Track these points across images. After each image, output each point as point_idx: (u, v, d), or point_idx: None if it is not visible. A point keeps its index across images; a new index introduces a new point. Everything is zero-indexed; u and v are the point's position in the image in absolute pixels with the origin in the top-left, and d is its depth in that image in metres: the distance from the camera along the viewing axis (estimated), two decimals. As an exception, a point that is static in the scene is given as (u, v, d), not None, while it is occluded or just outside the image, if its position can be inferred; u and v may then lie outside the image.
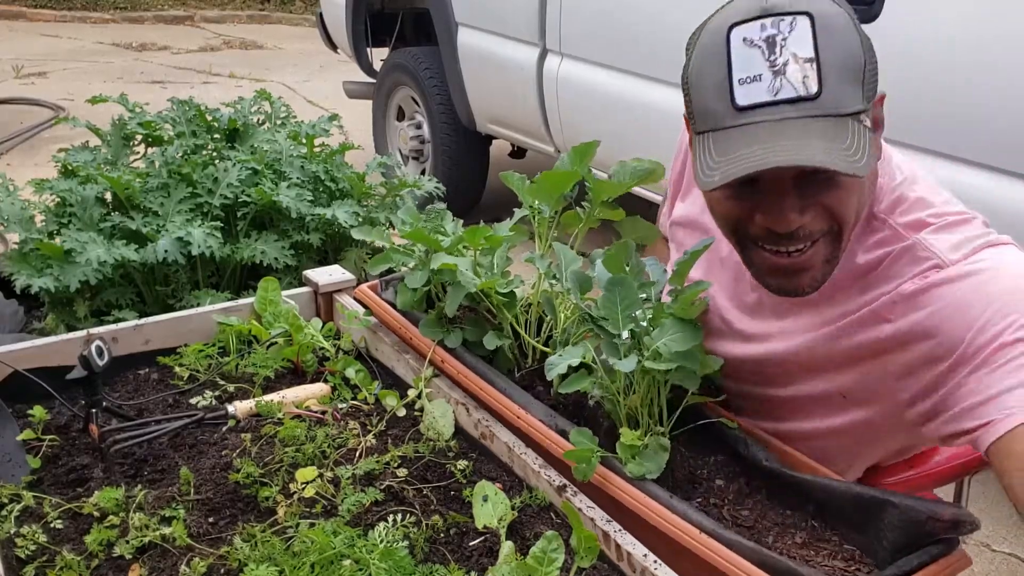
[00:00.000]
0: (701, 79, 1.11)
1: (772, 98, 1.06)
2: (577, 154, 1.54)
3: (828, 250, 1.17)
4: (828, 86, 1.05)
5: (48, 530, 1.21)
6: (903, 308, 1.19)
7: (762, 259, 1.20)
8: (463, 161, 4.72)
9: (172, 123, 2.61)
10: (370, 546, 1.14)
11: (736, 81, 1.07)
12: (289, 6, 11.82)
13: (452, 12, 4.41)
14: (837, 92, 1.06)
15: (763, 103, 1.06)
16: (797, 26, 1.05)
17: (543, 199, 1.54)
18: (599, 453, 1.22)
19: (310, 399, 1.52)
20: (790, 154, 1.04)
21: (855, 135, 1.06)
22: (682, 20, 3.20)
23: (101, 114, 2.88)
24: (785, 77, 1.05)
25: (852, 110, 1.07)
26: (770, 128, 1.06)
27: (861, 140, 1.06)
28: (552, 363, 1.27)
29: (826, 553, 1.16)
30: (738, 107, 1.07)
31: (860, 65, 1.07)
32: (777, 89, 1.06)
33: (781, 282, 1.21)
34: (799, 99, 1.05)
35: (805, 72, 1.05)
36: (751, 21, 1.07)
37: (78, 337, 1.60)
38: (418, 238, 1.49)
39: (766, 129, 1.06)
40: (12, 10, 10.95)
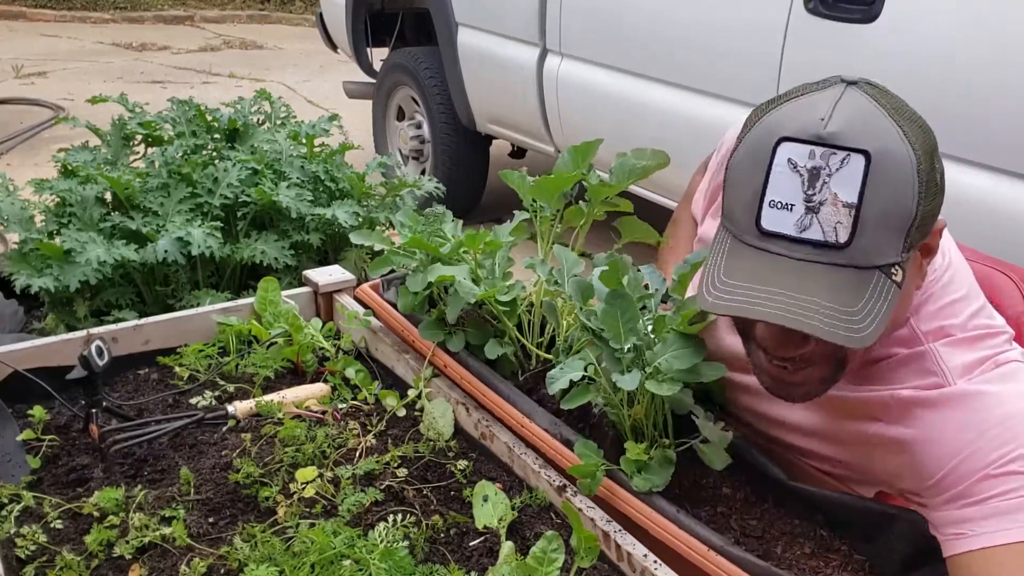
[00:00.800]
0: (738, 176, 1.05)
1: (797, 234, 0.99)
2: (578, 153, 1.53)
3: (827, 372, 1.12)
4: (861, 238, 0.97)
5: (48, 530, 1.21)
6: (895, 414, 1.14)
7: (760, 360, 1.15)
8: (463, 161, 4.72)
9: (172, 123, 2.61)
10: (370, 546, 1.14)
11: (767, 202, 1.00)
12: (289, 6, 11.82)
13: (452, 12, 4.41)
14: (870, 244, 0.98)
15: (787, 236, 0.99)
16: (848, 165, 0.96)
17: (544, 198, 1.53)
18: (604, 467, 1.21)
19: (310, 399, 1.52)
20: (789, 312, 0.97)
21: (874, 292, 0.98)
22: (682, 20, 3.22)
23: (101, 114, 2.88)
24: (817, 216, 0.98)
25: (882, 263, 0.99)
26: (783, 266, 0.99)
27: (879, 299, 0.98)
28: (553, 377, 1.24)
29: (836, 564, 1.15)
30: (762, 230, 1.01)
31: (908, 217, 0.98)
32: (805, 227, 0.98)
33: (774, 386, 1.16)
34: (825, 244, 0.98)
35: (839, 218, 0.97)
36: (803, 143, 0.98)
37: (78, 337, 1.60)
38: (417, 245, 1.49)
39: (780, 266, 1.00)
40: (12, 10, 10.95)
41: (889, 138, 0.98)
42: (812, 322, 0.97)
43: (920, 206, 0.98)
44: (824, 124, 0.98)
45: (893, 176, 0.97)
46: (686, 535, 1.13)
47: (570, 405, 1.26)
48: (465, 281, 1.43)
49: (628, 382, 1.15)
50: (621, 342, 1.19)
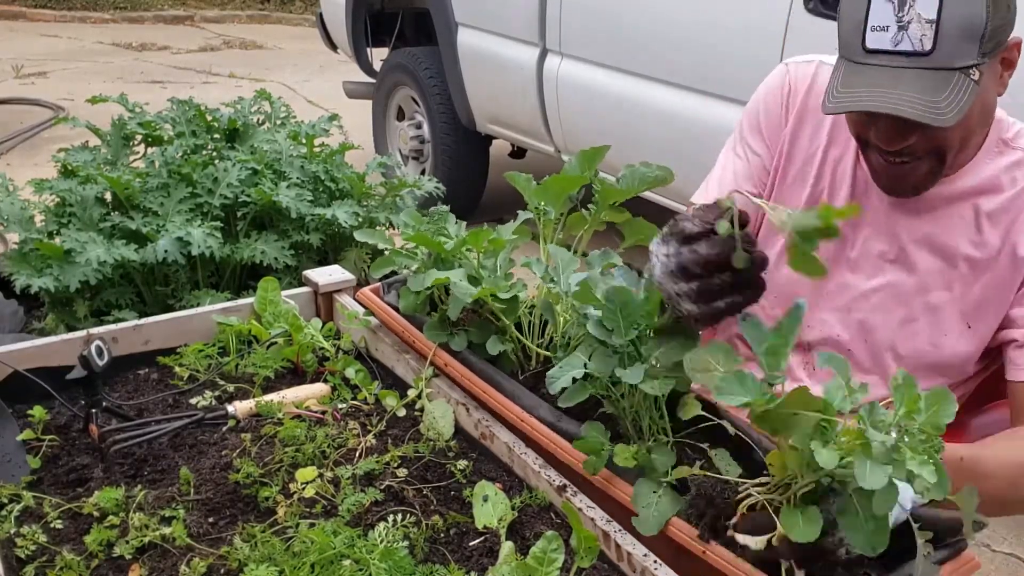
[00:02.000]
0: (848, 13, 1.32)
1: (893, 48, 1.27)
2: (586, 158, 1.54)
3: (930, 166, 1.38)
4: (942, 45, 1.24)
5: (48, 530, 1.21)
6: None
7: (876, 160, 1.41)
8: (463, 161, 4.72)
9: (172, 123, 2.61)
10: (370, 546, 1.14)
11: (869, 27, 1.29)
12: (289, 6, 11.82)
13: (452, 12, 4.41)
14: (950, 50, 1.24)
15: (885, 50, 1.28)
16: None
17: (549, 201, 1.54)
18: (608, 448, 1.21)
19: (310, 399, 1.52)
20: (889, 103, 1.26)
21: (956, 88, 1.25)
22: (682, 20, 3.22)
23: (101, 114, 2.88)
24: (907, 32, 1.26)
25: (961, 65, 1.25)
26: (885, 74, 1.27)
27: (960, 92, 1.25)
28: (553, 376, 1.25)
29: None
30: (867, 48, 1.29)
31: (981, 26, 1.23)
32: (898, 41, 1.26)
33: (887, 183, 1.43)
34: (914, 53, 1.26)
35: (924, 31, 1.24)
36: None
37: (78, 337, 1.60)
38: (421, 241, 1.49)
39: (882, 74, 1.28)
40: (12, 10, 10.96)
41: None
42: (904, 108, 1.25)
43: (990, 18, 1.24)
44: None
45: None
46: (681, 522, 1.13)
47: (569, 402, 1.26)
48: (461, 282, 1.43)
49: (631, 376, 1.16)
50: (623, 337, 1.20)
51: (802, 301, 1.09)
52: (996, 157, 1.44)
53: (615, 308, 1.21)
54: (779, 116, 1.61)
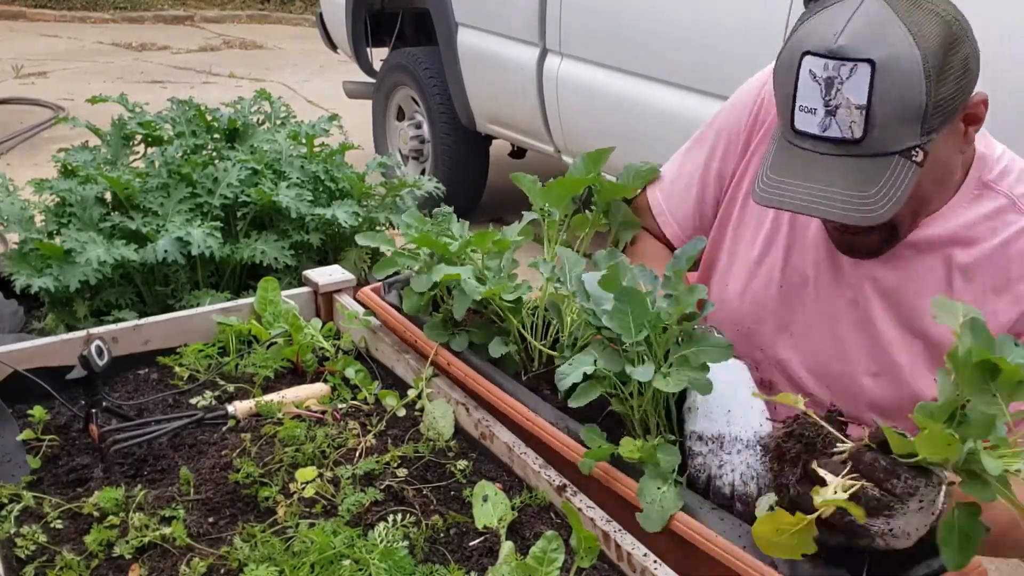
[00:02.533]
0: (779, 84, 1.22)
1: (821, 133, 1.16)
2: (590, 160, 1.55)
3: (882, 236, 1.29)
4: (874, 132, 1.13)
5: (48, 530, 1.21)
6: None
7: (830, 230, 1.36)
8: (463, 161, 4.72)
9: (172, 123, 2.61)
10: (370, 546, 1.14)
11: (798, 107, 1.18)
12: (289, 6, 11.82)
13: (452, 12, 4.41)
14: (884, 135, 1.14)
15: (813, 135, 1.17)
16: (856, 73, 1.12)
17: (553, 202, 1.54)
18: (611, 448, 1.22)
19: (310, 399, 1.52)
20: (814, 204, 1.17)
21: (893, 174, 1.15)
22: (682, 20, 3.22)
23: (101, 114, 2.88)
24: (835, 118, 1.15)
25: (898, 148, 1.15)
26: (814, 161, 1.18)
27: (898, 178, 1.15)
28: (563, 372, 1.25)
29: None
30: (795, 129, 1.19)
31: (919, 107, 1.12)
32: (826, 127, 1.16)
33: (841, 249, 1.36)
34: (842, 140, 1.15)
35: (853, 118, 1.13)
36: (820, 57, 1.15)
37: (78, 337, 1.60)
38: (425, 243, 1.49)
39: (810, 161, 1.18)
40: (12, 10, 10.96)
41: (896, 43, 1.11)
42: (832, 209, 1.16)
43: (930, 96, 1.12)
44: (836, 39, 1.14)
45: (899, 77, 1.11)
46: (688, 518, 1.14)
47: (579, 401, 1.25)
48: (470, 280, 1.43)
49: (641, 374, 1.17)
50: (632, 336, 1.21)
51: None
52: (974, 202, 1.29)
53: (626, 308, 1.22)
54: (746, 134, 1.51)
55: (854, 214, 1.15)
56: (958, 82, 1.15)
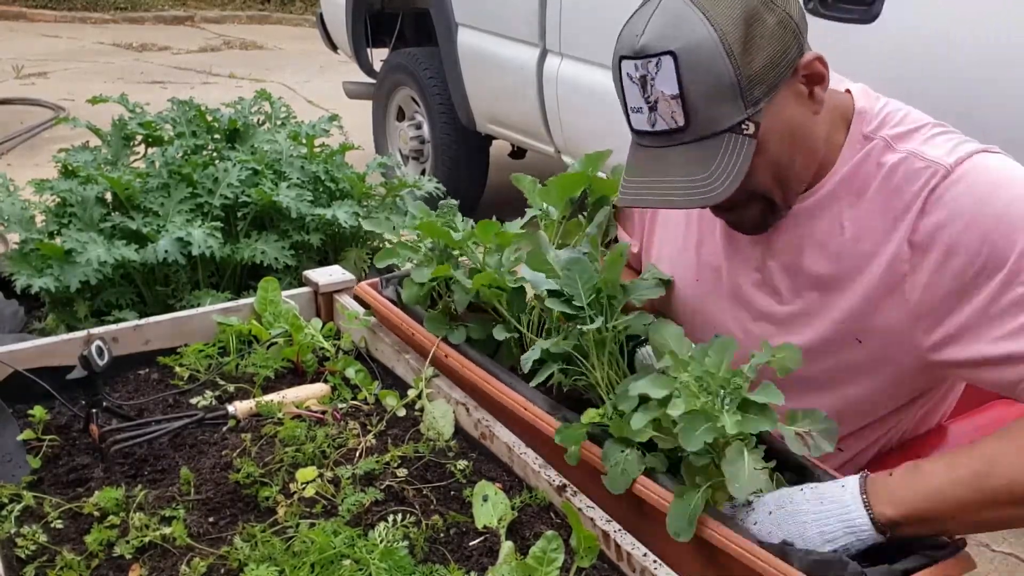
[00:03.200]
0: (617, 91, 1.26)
1: (651, 129, 1.21)
2: (589, 160, 1.55)
3: (760, 207, 1.30)
4: (695, 117, 1.17)
5: (48, 530, 1.21)
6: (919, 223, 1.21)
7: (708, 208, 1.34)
8: (463, 161, 4.72)
9: (172, 123, 2.62)
10: (370, 546, 1.14)
11: (629, 108, 1.23)
12: (289, 6, 11.82)
13: (452, 12, 4.41)
14: (706, 118, 1.17)
15: (647, 131, 1.22)
16: (662, 67, 1.16)
17: (552, 202, 1.55)
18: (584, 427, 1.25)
19: (310, 399, 1.52)
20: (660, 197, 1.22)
21: (728, 151, 1.18)
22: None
23: (101, 114, 2.88)
24: (657, 113, 1.19)
25: (726, 126, 1.18)
26: (655, 157, 1.22)
27: (734, 154, 1.18)
28: (526, 357, 1.33)
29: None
30: (633, 130, 1.24)
31: (732, 83, 1.15)
32: (654, 122, 1.20)
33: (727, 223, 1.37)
34: (670, 131, 1.19)
35: (672, 108, 1.17)
36: (629, 59, 1.20)
37: (78, 337, 1.60)
38: (430, 230, 1.50)
39: (652, 159, 1.23)
40: (12, 10, 10.96)
41: (693, 30, 1.15)
42: (673, 198, 1.21)
43: (739, 70, 1.15)
44: (638, 39, 1.19)
45: (702, 61, 1.15)
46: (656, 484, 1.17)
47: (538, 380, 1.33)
48: (463, 275, 1.46)
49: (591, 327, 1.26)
50: (583, 300, 1.29)
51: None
52: (857, 155, 1.29)
53: (574, 275, 1.30)
54: None
55: (695, 198, 1.19)
56: (771, 50, 1.17)
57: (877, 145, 1.27)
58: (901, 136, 1.26)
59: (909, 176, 1.22)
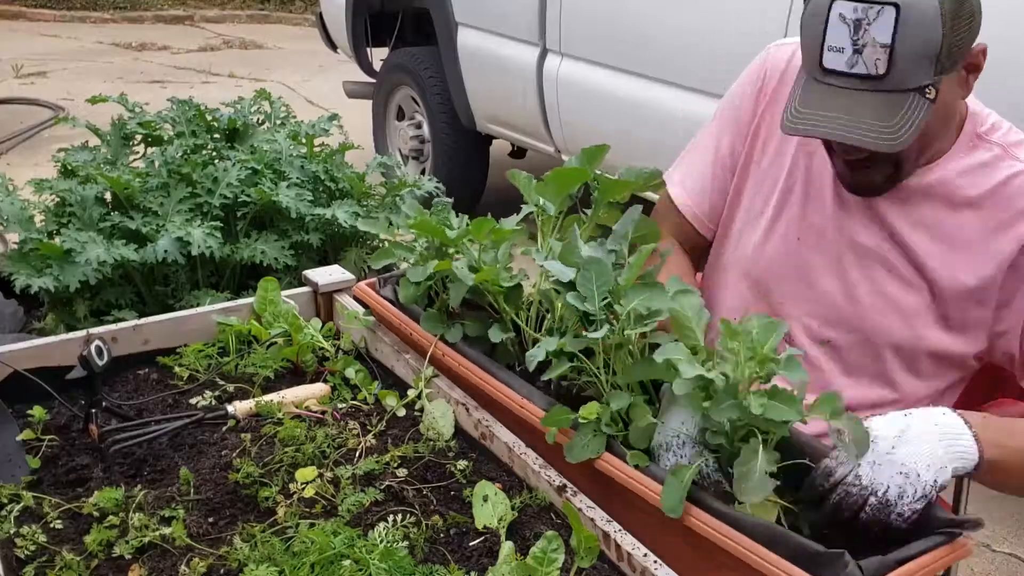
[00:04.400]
0: (808, 29, 1.32)
1: (848, 70, 1.28)
2: (587, 156, 1.54)
3: (888, 172, 1.40)
4: (896, 69, 1.25)
5: (48, 530, 1.21)
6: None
7: (839, 165, 1.44)
8: (463, 161, 4.72)
9: (172, 123, 2.62)
10: (370, 546, 1.14)
11: (826, 47, 1.29)
12: (289, 6, 11.82)
13: (452, 12, 4.41)
14: (904, 72, 1.26)
15: (841, 71, 1.29)
16: (883, 15, 1.24)
17: (549, 198, 1.54)
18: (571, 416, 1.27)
19: (310, 399, 1.52)
20: (842, 131, 1.29)
21: (910, 108, 1.27)
22: (682, 21, 3.22)
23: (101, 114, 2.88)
24: (862, 56, 1.26)
25: (916, 85, 1.27)
26: (841, 96, 1.29)
27: (914, 112, 1.27)
28: (532, 354, 1.32)
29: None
30: (824, 68, 1.31)
31: (936, 48, 1.24)
32: (853, 64, 1.27)
33: (850, 185, 1.45)
34: (868, 76, 1.27)
35: (878, 55, 1.25)
36: (849, 1, 1.26)
37: (78, 337, 1.60)
38: (424, 229, 1.50)
39: (838, 96, 1.30)
40: (12, 10, 10.95)
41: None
42: (857, 135, 1.28)
43: (945, 38, 1.24)
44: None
45: (919, 20, 1.23)
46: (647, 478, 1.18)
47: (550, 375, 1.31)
48: (463, 268, 1.45)
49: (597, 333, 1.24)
50: (596, 302, 1.28)
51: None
52: (970, 151, 1.43)
53: (591, 275, 1.29)
54: (752, 103, 1.62)
55: (879, 141, 1.27)
56: (968, 28, 1.27)
57: (994, 149, 1.41)
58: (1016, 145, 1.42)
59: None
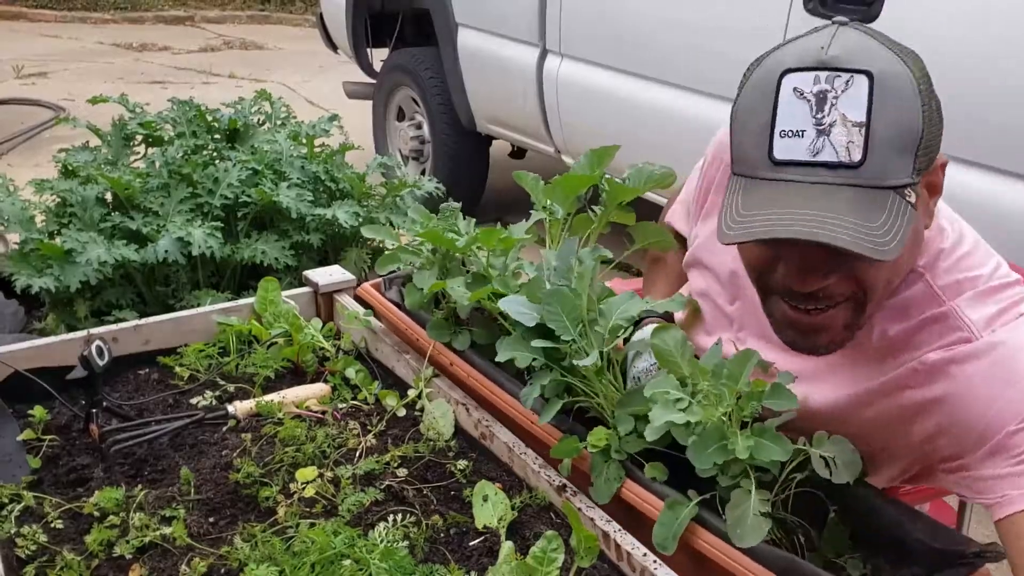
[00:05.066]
0: (746, 119, 1.05)
1: (810, 158, 1.00)
2: (595, 157, 1.52)
3: (849, 316, 1.11)
4: (874, 156, 0.98)
5: (48, 530, 1.21)
6: (924, 378, 1.14)
7: (781, 311, 1.14)
8: (463, 161, 4.72)
9: (172, 123, 2.62)
10: (370, 546, 1.14)
11: (778, 133, 1.01)
12: (289, 6, 11.82)
13: (452, 12, 4.41)
14: (883, 163, 0.99)
15: (800, 162, 1.00)
16: (853, 85, 0.98)
17: (558, 201, 1.52)
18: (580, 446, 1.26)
19: (310, 399, 1.52)
20: (813, 227, 0.98)
21: (892, 212, 0.99)
22: (682, 21, 3.22)
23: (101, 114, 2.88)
24: (829, 139, 0.99)
25: (896, 183, 1.00)
26: (801, 190, 1.00)
27: (897, 218, 0.99)
28: (525, 394, 1.30)
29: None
30: (775, 160, 1.02)
31: (916, 137, 1.00)
32: (818, 150, 0.99)
33: (796, 338, 1.16)
34: (839, 165, 0.99)
35: (851, 137, 0.98)
36: (806, 71, 1.00)
37: (78, 337, 1.60)
38: (432, 239, 1.49)
39: (796, 191, 1.00)
40: (12, 10, 10.95)
41: (888, 60, 1.00)
42: (837, 234, 0.97)
43: (925, 126, 1.00)
44: (825, 51, 1.00)
45: (898, 94, 0.99)
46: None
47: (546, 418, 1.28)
48: (459, 288, 1.43)
49: (587, 360, 1.22)
50: (571, 332, 1.25)
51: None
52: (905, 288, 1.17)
53: (555, 308, 1.26)
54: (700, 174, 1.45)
55: (866, 243, 0.97)
56: (936, 125, 1.04)
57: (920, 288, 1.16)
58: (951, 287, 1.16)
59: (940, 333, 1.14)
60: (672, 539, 1.12)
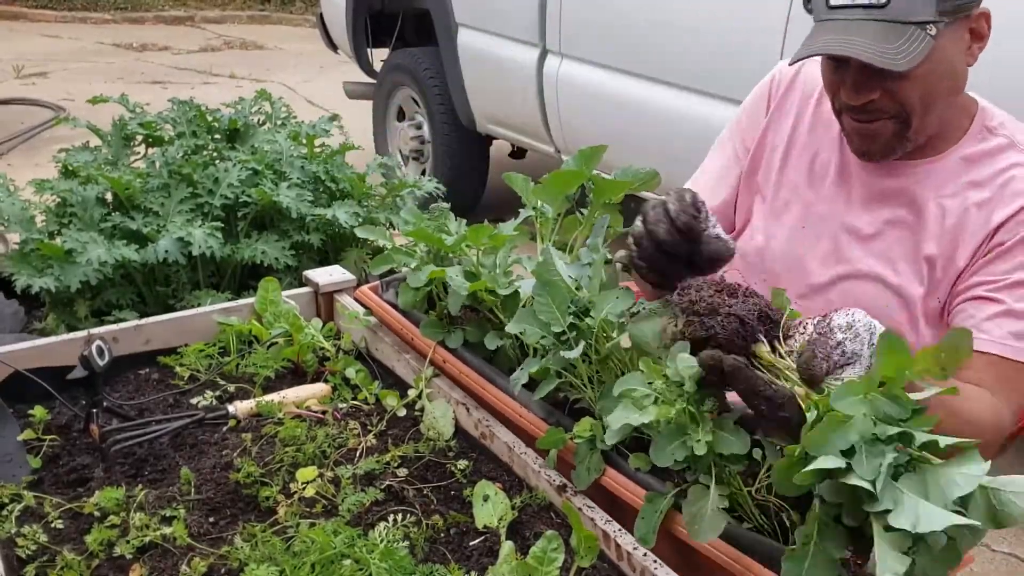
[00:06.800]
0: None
1: (851, 2, 1.35)
2: (584, 157, 1.54)
3: (895, 127, 1.41)
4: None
5: (49, 530, 1.21)
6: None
7: (847, 122, 1.46)
8: (463, 161, 4.72)
9: (172, 123, 2.61)
10: (370, 546, 1.14)
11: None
12: (289, 6, 11.82)
13: (452, 13, 4.42)
14: (905, 4, 1.30)
15: (845, 5, 1.36)
16: None
17: (547, 200, 1.54)
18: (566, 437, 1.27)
19: (310, 399, 1.52)
20: (840, 48, 1.33)
21: (910, 39, 1.30)
22: (682, 21, 3.22)
23: (102, 114, 2.88)
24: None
25: (917, 19, 1.30)
26: (842, 25, 1.35)
27: (914, 44, 1.30)
28: (515, 378, 1.32)
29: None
30: (830, 5, 1.38)
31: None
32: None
33: (857, 144, 1.46)
34: (870, 5, 1.33)
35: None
36: None
37: (79, 337, 1.60)
38: (422, 237, 1.50)
39: (839, 26, 1.36)
40: (12, 10, 10.96)
41: None
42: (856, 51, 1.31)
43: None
44: None
45: None
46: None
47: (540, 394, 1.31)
48: (457, 277, 1.45)
49: (573, 353, 1.23)
50: (562, 324, 1.27)
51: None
52: (980, 142, 1.47)
53: (546, 299, 1.29)
54: (760, 115, 1.64)
55: (876, 57, 1.29)
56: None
57: (1000, 140, 1.44)
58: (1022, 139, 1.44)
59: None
60: (652, 533, 1.13)
